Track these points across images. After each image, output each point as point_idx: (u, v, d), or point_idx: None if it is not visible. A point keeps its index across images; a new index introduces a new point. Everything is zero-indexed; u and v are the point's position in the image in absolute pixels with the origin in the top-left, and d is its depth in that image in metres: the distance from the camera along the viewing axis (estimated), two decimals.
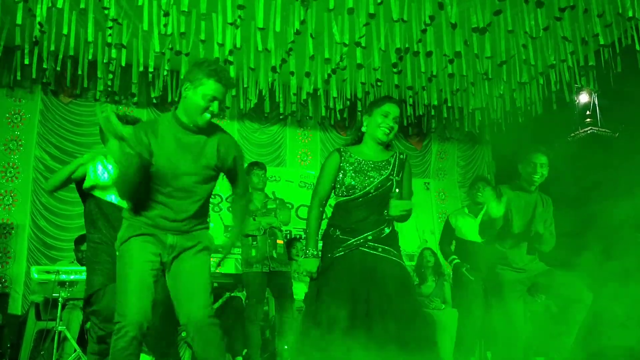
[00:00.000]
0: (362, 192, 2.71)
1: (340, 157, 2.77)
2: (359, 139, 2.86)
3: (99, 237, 3.15)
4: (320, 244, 2.78)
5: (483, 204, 4.46)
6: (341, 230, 2.69)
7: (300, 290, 5.57)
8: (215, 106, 2.34)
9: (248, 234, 4.31)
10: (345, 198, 2.74)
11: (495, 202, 3.33)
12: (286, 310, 4.48)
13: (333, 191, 2.81)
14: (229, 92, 5.87)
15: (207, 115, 2.34)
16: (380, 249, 2.66)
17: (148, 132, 2.37)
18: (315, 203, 2.77)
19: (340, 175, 2.75)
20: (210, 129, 2.46)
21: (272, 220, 4.44)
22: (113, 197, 3.17)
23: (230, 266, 6.49)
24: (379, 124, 2.74)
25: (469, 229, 4.62)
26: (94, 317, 3.07)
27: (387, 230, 2.70)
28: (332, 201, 2.83)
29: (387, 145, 2.83)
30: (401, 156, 2.82)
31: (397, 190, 2.70)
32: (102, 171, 3.21)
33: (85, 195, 3.24)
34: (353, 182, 2.71)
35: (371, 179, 2.72)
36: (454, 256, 4.59)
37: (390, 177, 2.74)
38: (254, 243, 4.33)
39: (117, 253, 2.40)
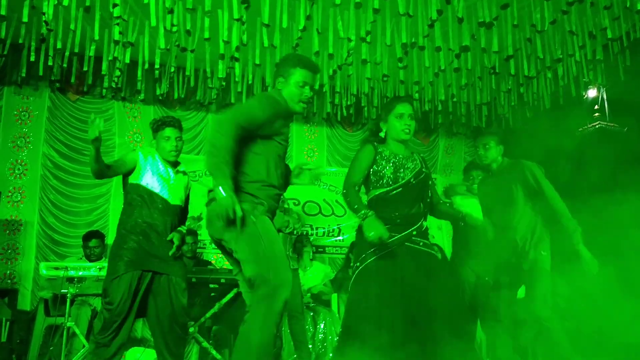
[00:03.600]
0: (403, 182, 2.77)
1: (374, 150, 2.83)
2: (381, 140, 2.92)
3: (132, 225, 3.24)
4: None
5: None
6: (386, 224, 2.62)
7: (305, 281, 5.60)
8: (307, 90, 2.53)
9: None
10: (384, 189, 2.77)
11: None
12: (296, 306, 4.53)
13: (370, 184, 2.84)
14: (235, 88, 5.91)
15: (303, 105, 2.54)
16: (421, 243, 2.72)
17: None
18: (350, 186, 2.78)
19: (377, 167, 2.80)
20: None
21: (293, 220, 4.50)
22: (154, 186, 3.30)
23: None
24: (397, 126, 2.83)
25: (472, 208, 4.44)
26: (106, 306, 3.11)
27: (425, 224, 2.79)
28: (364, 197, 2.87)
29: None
30: (420, 154, 2.97)
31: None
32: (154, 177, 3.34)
33: (127, 181, 3.39)
34: (392, 173, 2.76)
35: (408, 169, 2.80)
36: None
37: (423, 169, 2.86)
38: None
39: (252, 222, 2.29)
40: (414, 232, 2.71)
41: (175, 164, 3.51)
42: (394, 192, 2.76)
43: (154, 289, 3.25)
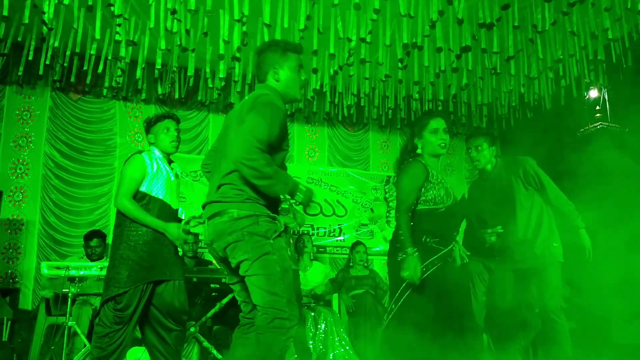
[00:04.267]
0: (447, 204, 2.84)
1: (425, 170, 2.85)
2: (415, 157, 2.96)
3: (140, 234, 3.12)
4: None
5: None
6: (433, 237, 2.77)
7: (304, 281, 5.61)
8: (303, 74, 2.50)
9: None
10: (430, 207, 2.83)
11: None
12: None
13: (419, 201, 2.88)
14: (236, 88, 5.91)
15: (302, 90, 2.52)
16: (450, 259, 2.86)
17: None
18: (404, 210, 2.80)
19: (430, 187, 2.83)
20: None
21: (289, 221, 4.47)
22: (159, 192, 3.21)
23: None
24: (433, 142, 2.87)
25: None
26: (117, 312, 3.03)
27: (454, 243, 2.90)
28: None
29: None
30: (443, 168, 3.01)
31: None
32: (155, 170, 3.24)
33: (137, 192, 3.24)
34: (439, 195, 2.82)
35: (450, 192, 2.88)
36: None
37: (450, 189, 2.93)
38: None
39: (270, 248, 2.28)
40: (455, 247, 2.89)
41: (170, 162, 3.42)
42: (436, 212, 2.83)
43: (157, 294, 3.20)
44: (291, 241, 4.60)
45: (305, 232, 6.47)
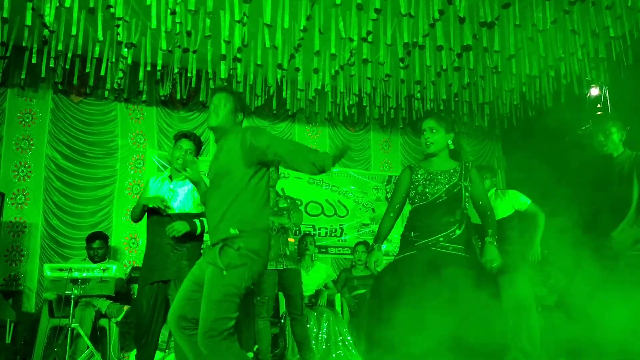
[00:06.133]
0: (434, 197, 3.01)
1: (410, 173, 3.15)
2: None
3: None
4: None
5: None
6: (415, 232, 3.01)
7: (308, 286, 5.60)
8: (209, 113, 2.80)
9: None
10: (415, 205, 3.09)
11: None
12: (296, 307, 4.52)
13: (408, 200, 3.16)
14: (237, 89, 5.91)
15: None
16: (450, 248, 2.92)
17: None
18: (389, 210, 3.17)
19: (413, 187, 3.10)
20: (229, 133, 2.74)
21: (285, 221, 4.49)
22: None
23: None
24: (422, 142, 3.14)
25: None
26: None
27: (457, 232, 2.95)
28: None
29: (455, 154, 3.14)
30: (467, 164, 3.10)
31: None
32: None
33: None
34: (425, 190, 3.03)
35: (440, 185, 3.02)
36: None
37: (459, 182, 3.03)
38: None
39: None
40: (441, 239, 2.92)
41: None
42: (423, 206, 3.04)
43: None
44: (291, 240, 4.60)
45: (307, 232, 6.47)
